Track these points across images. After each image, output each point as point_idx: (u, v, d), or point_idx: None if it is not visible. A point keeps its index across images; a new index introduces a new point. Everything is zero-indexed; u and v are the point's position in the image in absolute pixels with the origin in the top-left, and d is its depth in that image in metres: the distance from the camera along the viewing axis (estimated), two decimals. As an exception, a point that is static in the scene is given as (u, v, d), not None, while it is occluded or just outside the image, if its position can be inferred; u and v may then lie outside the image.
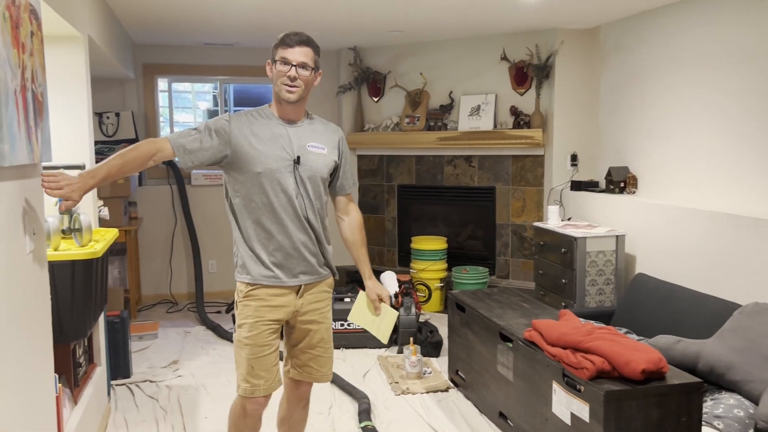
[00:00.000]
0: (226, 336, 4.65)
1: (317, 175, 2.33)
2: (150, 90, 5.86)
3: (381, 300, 2.47)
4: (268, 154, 2.27)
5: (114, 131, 5.63)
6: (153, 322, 4.94)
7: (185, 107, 7.54)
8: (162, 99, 6.06)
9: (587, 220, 4.72)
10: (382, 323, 2.49)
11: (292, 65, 2.23)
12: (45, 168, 2.47)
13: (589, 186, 4.86)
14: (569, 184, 5.01)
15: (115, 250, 5.56)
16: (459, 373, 3.61)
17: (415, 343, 4.00)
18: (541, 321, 2.77)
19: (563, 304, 4.20)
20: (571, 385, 2.47)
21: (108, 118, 5.62)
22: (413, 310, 4.34)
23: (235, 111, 3.37)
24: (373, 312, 2.49)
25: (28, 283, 1.87)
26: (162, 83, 6.01)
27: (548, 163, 5.20)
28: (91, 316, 2.68)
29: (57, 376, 2.33)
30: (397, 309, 4.40)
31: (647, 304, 3.62)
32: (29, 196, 1.92)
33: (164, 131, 6.03)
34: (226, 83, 6.17)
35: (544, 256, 4.51)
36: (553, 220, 4.57)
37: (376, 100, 5.95)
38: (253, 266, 2.32)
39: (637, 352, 2.38)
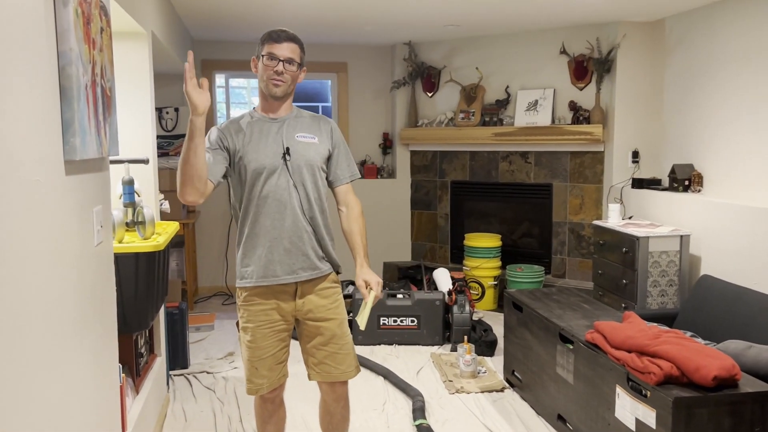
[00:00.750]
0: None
1: (311, 165, 2.30)
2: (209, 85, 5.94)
3: (368, 286, 2.31)
4: (258, 150, 2.26)
5: (173, 126, 5.74)
6: (210, 313, 5.03)
7: (241, 102, 7.65)
8: (218, 95, 6.15)
9: (649, 218, 4.57)
10: (363, 309, 2.30)
11: (280, 60, 2.24)
12: (111, 162, 2.52)
13: (652, 184, 4.70)
14: (630, 182, 4.86)
15: (174, 242, 5.67)
16: (515, 373, 3.55)
17: (469, 341, 3.95)
18: (605, 323, 2.69)
19: (623, 305, 4.08)
20: (637, 390, 2.38)
21: (167, 113, 5.73)
22: (467, 308, 4.29)
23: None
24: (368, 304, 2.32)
25: (96, 274, 1.91)
26: (219, 79, 6.09)
27: (608, 160, 5.06)
28: (153, 307, 2.73)
29: (121, 366, 2.38)
30: (450, 306, 4.37)
31: (713, 307, 3.48)
32: (98, 189, 1.96)
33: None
34: (281, 79, 6.21)
35: (604, 255, 4.39)
36: (613, 219, 4.44)
37: (430, 95, 5.90)
38: (249, 269, 2.30)
39: (708, 357, 2.28)
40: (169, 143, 5.30)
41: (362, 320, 2.29)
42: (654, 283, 4.01)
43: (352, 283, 4.80)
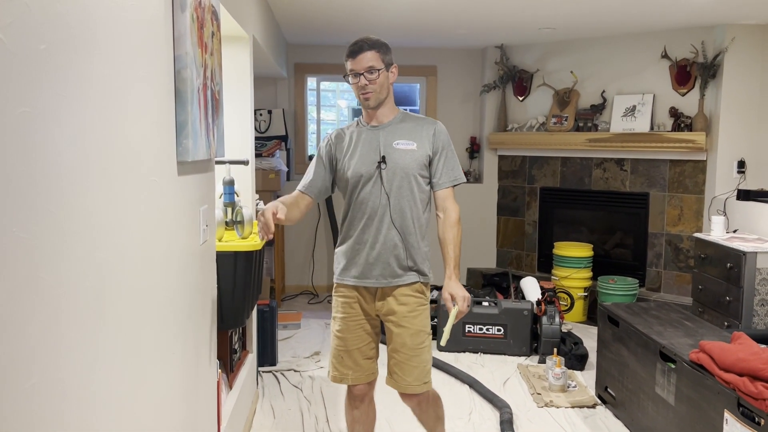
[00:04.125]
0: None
1: (406, 172, 2.30)
2: (300, 88, 6.07)
3: (453, 300, 2.28)
4: (356, 159, 2.33)
5: (266, 128, 5.89)
6: (297, 312, 5.12)
7: (330, 105, 7.77)
8: (310, 97, 6.26)
9: (757, 233, 4.29)
10: (446, 324, 2.28)
11: (359, 74, 2.29)
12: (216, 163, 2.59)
13: (760, 196, 4.41)
14: (735, 193, 4.58)
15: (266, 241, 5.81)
16: (608, 389, 3.41)
17: (558, 354, 3.83)
18: (712, 343, 2.53)
19: (726, 323, 3.85)
20: (748, 417, 2.23)
21: (261, 115, 5.89)
22: (557, 319, 4.16)
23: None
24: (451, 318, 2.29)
25: (200, 272, 1.97)
26: (311, 82, 6.20)
27: (711, 170, 4.80)
28: (249, 305, 2.79)
29: (217, 361, 2.44)
30: (539, 317, 4.26)
31: (831, 331, 3.22)
32: (205, 189, 2.02)
33: (310, 128, 6.23)
34: (371, 82, 6.25)
35: (705, 270, 4.15)
36: (717, 232, 4.19)
37: (521, 99, 5.78)
38: (340, 264, 2.41)
39: (832, 387, 2.10)
40: (262, 145, 5.44)
41: (444, 336, 2.29)
42: (762, 302, 3.76)
43: (439, 288, 4.77)
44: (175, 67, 1.66)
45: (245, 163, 2.86)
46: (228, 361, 2.83)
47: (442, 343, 2.31)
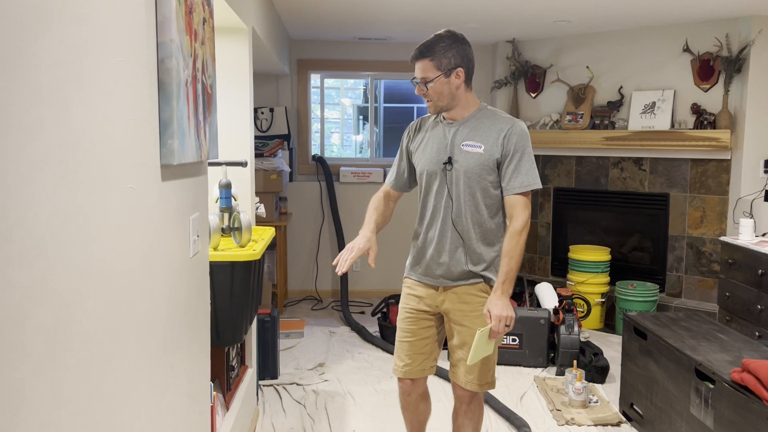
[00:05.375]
0: (371, 340, 4.48)
1: (470, 175, 2.22)
2: (303, 86, 5.85)
3: (490, 317, 2.16)
4: (427, 155, 2.31)
5: (268, 127, 5.67)
6: (299, 319, 4.90)
7: (334, 104, 7.55)
8: (313, 95, 6.03)
9: (787, 236, 4.05)
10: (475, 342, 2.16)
11: (417, 83, 2.25)
12: (208, 164, 2.38)
13: (789, 197, 4.18)
14: (763, 194, 4.34)
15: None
16: (634, 406, 3.18)
17: (577, 366, 3.60)
18: (758, 362, 2.30)
19: (757, 333, 3.61)
20: (804, 448, 1.99)
21: (262, 113, 5.66)
22: (575, 328, 3.93)
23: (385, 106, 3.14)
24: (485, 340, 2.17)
25: (191, 288, 1.74)
26: (314, 79, 5.98)
27: (735, 169, 4.55)
28: (248, 319, 2.57)
29: (212, 383, 2.22)
30: (556, 326, 4.02)
31: None
32: (196, 195, 1.79)
33: (314, 127, 6.01)
34: (377, 79, 6.03)
35: (732, 276, 3.92)
36: (745, 236, 3.96)
37: (533, 95, 5.55)
38: (409, 258, 2.42)
39: None
40: (264, 144, 5.22)
41: (470, 355, 2.17)
42: (796, 311, 3.52)
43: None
44: (158, 56, 1.44)
45: (243, 164, 2.64)
46: (225, 380, 2.60)
47: (468, 361, 2.19)
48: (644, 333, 3.07)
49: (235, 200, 2.68)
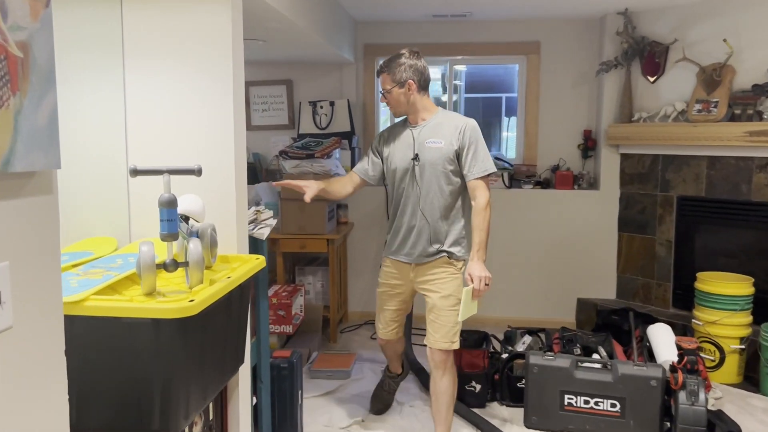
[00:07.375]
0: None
1: (435, 166, 2.70)
2: (370, 75, 5.04)
3: (471, 278, 2.62)
4: (396, 154, 2.79)
5: (327, 123, 4.92)
6: (348, 353, 4.09)
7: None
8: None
9: None
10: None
11: (382, 93, 2.79)
12: (146, 173, 1.63)
13: None
14: None
15: (321, 260, 4.85)
16: None
17: (705, 454, 2.54)
18: None
19: None
20: None
21: (322, 107, 4.92)
22: (701, 396, 2.84)
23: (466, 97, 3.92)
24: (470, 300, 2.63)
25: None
26: (384, 66, 5.14)
27: None
28: (194, 396, 1.78)
29: None
30: (674, 390, 2.95)
31: None
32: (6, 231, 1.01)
33: (382, 123, 5.18)
34: (457, 65, 5.11)
35: None
36: None
37: (652, 80, 4.41)
38: (387, 241, 2.92)
39: None
40: (317, 143, 4.46)
41: (460, 311, 2.62)
42: None
43: None
44: None
45: (196, 172, 1.84)
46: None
47: (459, 318, 2.64)
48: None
49: (187, 222, 1.91)
